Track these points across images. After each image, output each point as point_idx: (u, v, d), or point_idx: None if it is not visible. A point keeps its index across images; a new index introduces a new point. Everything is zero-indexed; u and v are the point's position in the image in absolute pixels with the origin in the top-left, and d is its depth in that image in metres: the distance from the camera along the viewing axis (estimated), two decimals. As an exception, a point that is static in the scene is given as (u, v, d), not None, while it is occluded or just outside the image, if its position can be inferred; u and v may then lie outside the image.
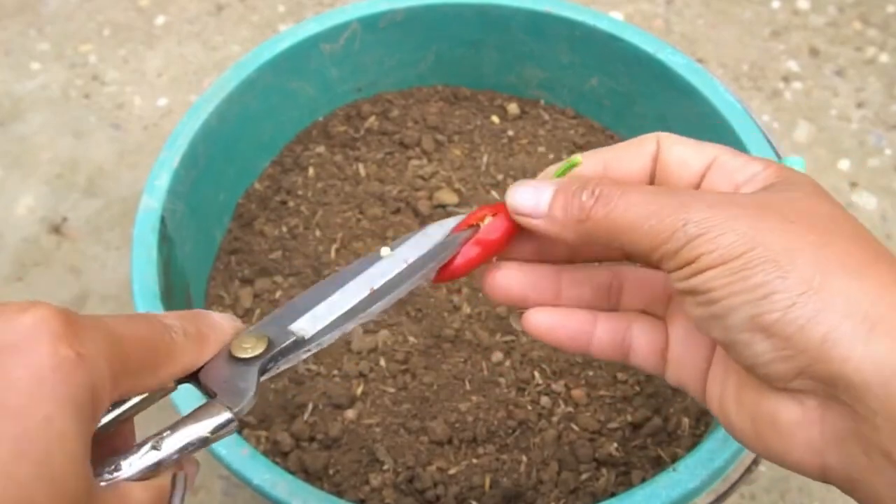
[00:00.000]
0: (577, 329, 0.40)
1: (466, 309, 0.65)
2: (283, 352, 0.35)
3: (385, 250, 0.39)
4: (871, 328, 0.30)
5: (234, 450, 0.50)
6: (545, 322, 0.40)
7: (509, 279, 0.40)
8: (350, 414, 0.61)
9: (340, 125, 0.77)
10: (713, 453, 0.49)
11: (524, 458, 0.59)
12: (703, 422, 0.61)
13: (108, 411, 0.32)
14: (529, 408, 0.61)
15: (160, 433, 0.31)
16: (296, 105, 0.75)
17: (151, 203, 0.61)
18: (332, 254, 0.69)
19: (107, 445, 0.33)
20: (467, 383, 0.62)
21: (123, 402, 0.33)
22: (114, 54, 1.02)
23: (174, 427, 0.32)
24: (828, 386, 0.31)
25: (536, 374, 0.63)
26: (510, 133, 0.77)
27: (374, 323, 0.65)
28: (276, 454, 0.59)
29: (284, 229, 0.71)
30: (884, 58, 0.99)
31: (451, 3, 0.73)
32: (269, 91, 0.71)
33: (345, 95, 0.78)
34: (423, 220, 0.70)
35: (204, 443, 0.32)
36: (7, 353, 0.26)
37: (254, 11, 1.06)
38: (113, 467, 0.30)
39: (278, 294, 0.67)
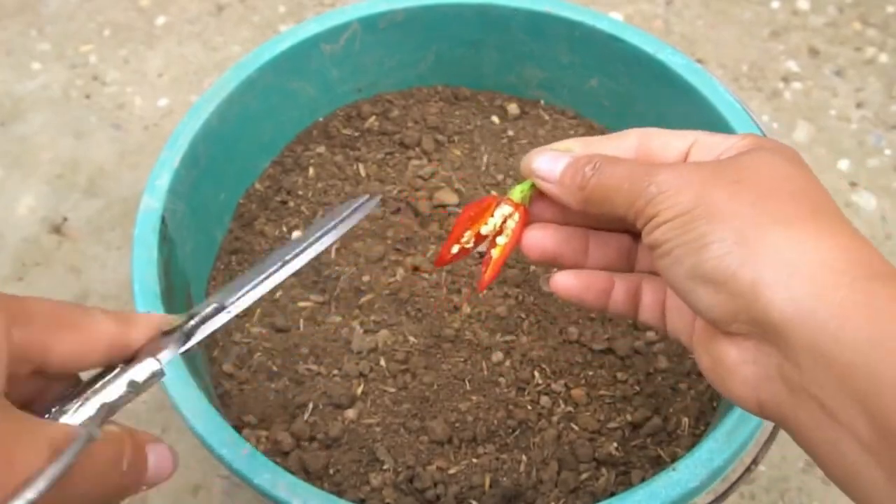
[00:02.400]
0: (598, 288, 0.45)
1: (466, 309, 0.65)
2: (204, 318, 0.39)
3: (296, 234, 0.45)
4: (792, 274, 0.33)
5: (234, 449, 0.50)
6: (570, 282, 0.45)
7: (545, 238, 0.45)
8: (350, 414, 0.61)
9: (341, 125, 0.77)
10: (713, 453, 0.50)
11: (524, 458, 0.59)
12: (703, 421, 0.61)
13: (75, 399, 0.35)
14: (529, 408, 0.61)
15: (91, 387, 0.35)
16: (296, 105, 0.75)
17: (152, 203, 0.61)
18: (332, 253, 0.69)
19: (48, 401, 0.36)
20: (467, 383, 0.62)
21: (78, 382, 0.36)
22: (114, 54, 1.02)
23: (105, 381, 0.35)
24: (757, 328, 0.35)
25: (536, 374, 0.63)
26: (510, 133, 0.77)
27: (374, 323, 0.65)
28: (277, 454, 0.60)
29: (285, 229, 0.71)
30: (883, 58, 0.99)
31: (451, 3, 0.73)
32: (270, 91, 0.71)
33: (345, 96, 0.78)
34: (423, 221, 0.70)
35: (133, 387, 0.35)
36: None
37: (254, 12, 1.06)
38: (54, 409, 0.34)
39: (278, 294, 0.67)
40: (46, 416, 0.34)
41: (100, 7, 1.07)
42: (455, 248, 0.47)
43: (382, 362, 0.63)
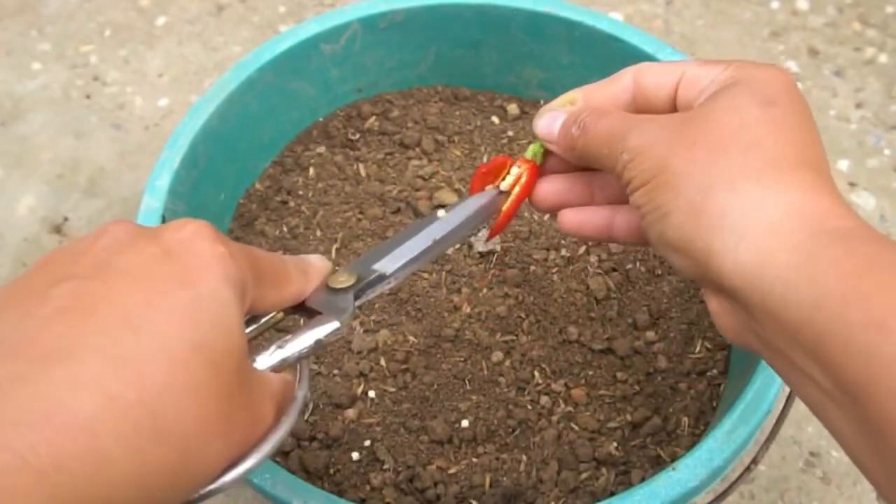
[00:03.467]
0: (600, 222, 0.47)
1: (466, 309, 0.65)
2: (370, 283, 0.43)
3: (441, 212, 0.48)
4: (739, 240, 0.35)
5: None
6: (575, 218, 0.48)
7: (549, 189, 0.49)
8: (350, 413, 0.61)
9: (341, 125, 0.78)
10: (712, 453, 0.50)
11: (524, 458, 0.59)
12: (703, 421, 0.61)
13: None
14: (529, 407, 0.61)
15: (283, 337, 0.38)
16: (296, 105, 0.75)
17: (152, 203, 0.61)
18: (333, 254, 0.69)
19: None
20: (467, 383, 0.62)
21: (248, 324, 0.40)
22: (115, 55, 1.02)
23: (295, 333, 0.38)
24: (720, 289, 0.37)
25: (536, 373, 0.63)
26: (510, 133, 0.77)
27: (374, 322, 0.65)
28: (277, 454, 0.60)
29: (285, 229, 0.71)
30: (883, 58, 0.99)
31: (452, 3, 0.73)
32: (270, 91, 0.71)
33: (345, 96, 0.78)
34: (424, 221, 0.70)
35: (318, 345, 0.39)
36: (179, 246, 0.32)
37: (254, 12, 1.06)
38: (250, 360, 0.36)
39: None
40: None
41: (100, 7, 1.07)
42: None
43: (382, 362, 0.63)
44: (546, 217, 0.70)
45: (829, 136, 0.93)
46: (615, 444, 0.60)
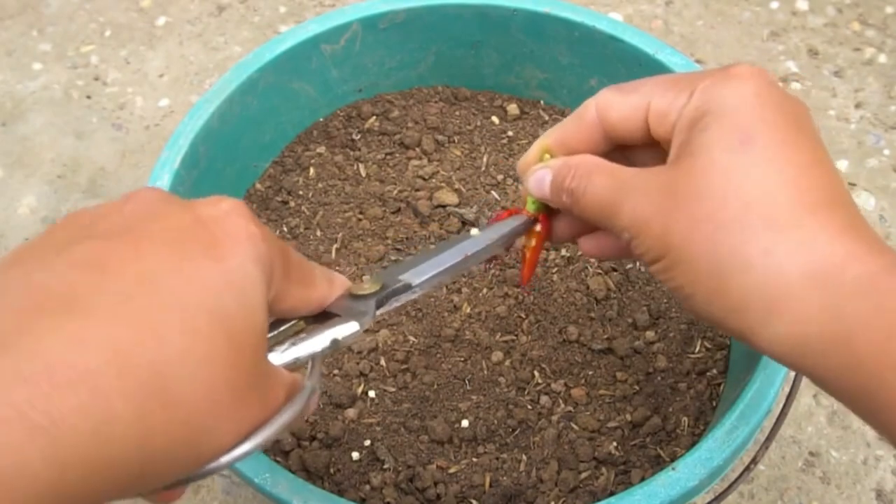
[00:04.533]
0: (617, 244, 0.46)
1: (466, 309, 0.65)
2: (395, 292, 0.43)
3: (475, 231, 0.48)
4: (767, 316, 0.34)
5: (235, 449, 0.50)
6: (594, 245, 0.47)
7: (565, 226, 0.49)
8: (350, 413, 0.61)
9: (341, 125, 0.78)
10: (712, 452, 0.50)
11: (524, 458, 0.59)
12: (703, 421, 0.61)
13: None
14: (529, 407, 0.61)
15: (297, 335, 0.38)
16: (296, 105, 0.75)
17: (153, 203, 0.61)
18: (333, 254, 0.69)
19: None
20: (467, 383, 0.62)
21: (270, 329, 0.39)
22: (115, 55, 1.02)
23: (311, 332, 0.38)
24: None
25: (536, 373, 0.63)
26: (510, 133, 0.77)
27: (374, 322, 0.65)
28: (277, 453, 0.60)
29: (285, 229, 0.71)
30: (882, 58, 0.99)
31: (452, 3, 0.73)
32: (270, 92, 0.71)
33: (345, 96, 0.78)
34: (423, 221, 0.70)
35: (334, 344, 0.38)
36: (212, 221, 0.32)
37: (255, 12, 1.06)
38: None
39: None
40: None
41: (101, 8, 1.07)
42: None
43: (382, 362, 0.63)
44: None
45: (828, 136, 0.93)
46: (615, 443, 0.60)
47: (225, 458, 0.31)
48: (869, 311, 0.32)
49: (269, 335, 0.38)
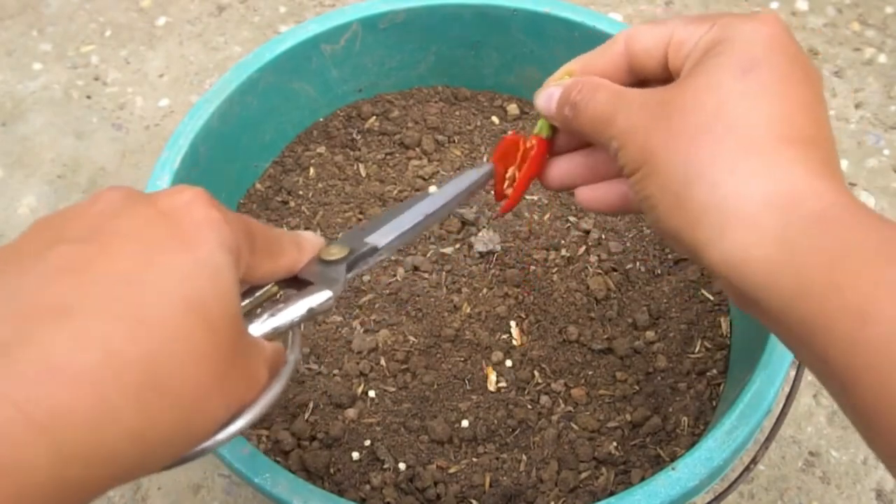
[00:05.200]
0: (615, 197, 0.46)
1: (466, 309, 0.65)
2: (363, 255, 0.43)
3: (433, 188, 0.47)
4: (721, 234, 0.35)
5: (234, 449, 0.50)
6: (591, 195, 0.47)
7: (561, 169, 0.49)
8: (350, 413, 0.61)
9: (341, 126, 0.78)
10: (712, 452, 0.50)
11: (524, 458, 0.59)
12: (703, 421, 0.61)
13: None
14: (529, 407, 0.61)
15: (275, 305, 0.38)
16: (297, 105, 0.75)
17: (153, 203, 0.61)
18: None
19: None
20: (467, 383, 0.62)
21: (243, 297, 0.40)
22: (115, 55, 1.02)
23: (287, 301, 0.39)
24: (709, 270, 0.37)
25: (536, 373, 0.63)
26: (510, 133, 0.77)
27: (374, 322, 0.65)
28: (278, 453, 0.60)
29: (285, 229, 0.71)
30: (882, 58, 0.99)
31: (451, 3, 0.73)
32: (270, 92, 0.71)
33: (345, 96, 0.78)
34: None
35: (310, 314, 0.39)
36: (175, 212, 0.32)
37: (255, 12, 1.06)
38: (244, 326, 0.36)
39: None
40: None
41: (101, 8, 1.07)
42: (508, 190, 0.51)
43: (383, 362, 0.63)
44: (546, 217, 0.70)
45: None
46: (615, 443, 0.60)
47: (220, 436, 0.33)
48: (816, 242, 0.33)
49: (245, 302, 0.40)
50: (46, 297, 0.28)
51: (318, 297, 0.39)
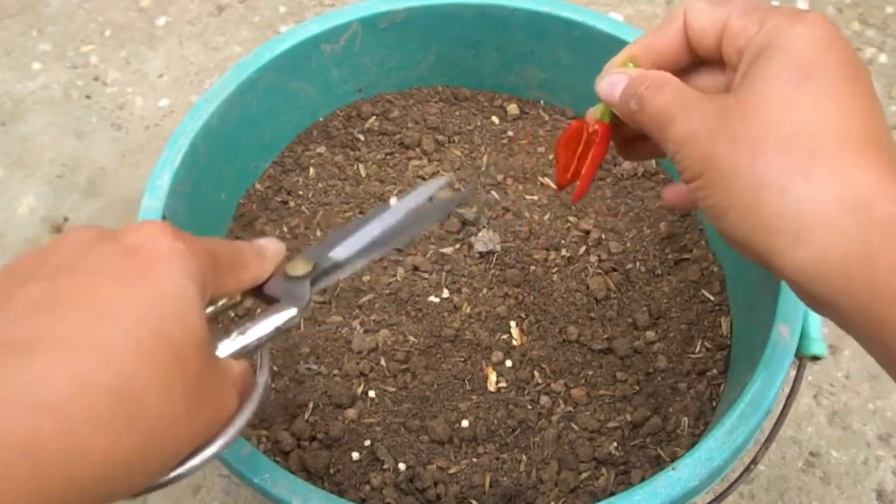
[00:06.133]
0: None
1: (466, 309, 0.65)
2: (326, 272, 0.44)
3: (393, 200, 0.48)
4: (796, 239, 0.35)
5: (234, 449, 0.50)
6: (674, 193, 0.49)
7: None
8: (350, 413, 0.61)
9: (341, 125, 0.78)
10: (712, 452, 0.50)
11: (524, 458, 0.59)
12: (703, 421, 0.61)
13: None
14: (529, 407, 0.61)
15: (243, 325, 0.39)
16: (296, 105, 0.75)
17: (153, 203, 0.61)
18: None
19: None
20: (467, 383, 0.62)
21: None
22: (115, 55, 1.02)
23: (254, 320, 0.40)
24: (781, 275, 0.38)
25: (536, 373, 0.63)
26: (510, 133, 0.77)
27: (374, 322, 0.65)
28: (277, 453, 0.60)
29: (285, 229, 0.71)
30: (882, 58, 0.99)
31: (451, 3, 0.73)
32: (270, 91, 0.71)
33: (345, 96, 0.78)
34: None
35: (277, 332, 0.40)
36: (139, 248, 0.34)
37: (255, 12, 1.06)
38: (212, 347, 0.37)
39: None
40: None
41: (100, 7, 1.07)
42: (569, 175, 0.51)
43: (383, 362, 0.63)
44: (546, 217, 0.70)
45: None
46: (615, 443, 0.60)
47: (194, 462, 0.34)
48: (893, 243, 0.33)
49: (209, 309, 0.41)
50: (16, 333, 0.29)
51: (284, 315, 0.41)
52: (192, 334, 0.32)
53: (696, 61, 0.46)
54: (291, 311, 0.41)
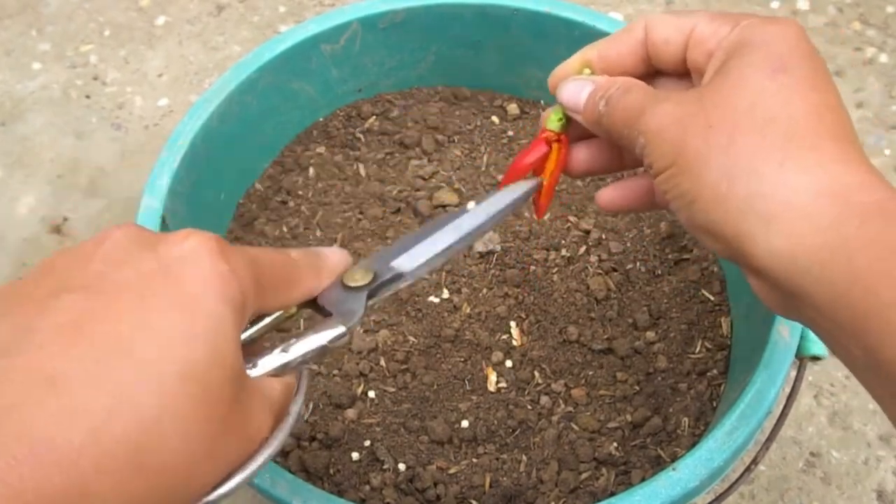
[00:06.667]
0: (638, 194, 0.47)
1: (466, 309, 0.65)
2: (386, 283, 0.42)
3: (471, 204, 0.46)
4: (769, 225, 0.35)
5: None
6: (613, 194, 0.48)
7: (582, 157, 0.48)
8: (350, 413, 0.61)
9: (341, 125, 0.77)
10: (713, 453, 0.50)
11: (524, 458, 0.59)
12: (703, 421, 0.61)
13: (246, 328, 0.38)
14: (529, 407, 0.61)
15: (288, 340, 0.37)
16: (296, 105, 0.75)
17: (152, 203, 0.61)
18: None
19: (245, 354, 0.39)
20: (467, 383, 0.62)
21: (256, 322, 0.39)
22: (114, 54, 1.02)
23: (299, 336, 0.37)
24: (754, 271, 0.37)
25: (536, 373, 0.63)
26: (510, 133, 0.77)
27: (373, 322, 0.65)
28: (277, 454, 0.60)
29: (285, 229, 0.71)
30: (883, 58, 0.99)
31: (451, 3, 0.73)
32: (270, 91, 0.71)
33: (345, 96, 0.78)
34: (423, 221, 0.70)
35: (323, 350, 0.38)
36: (179, 263, 0.32)
37: (254, 12, 1.06)
38: (251, 364, 0.36)
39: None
40: (248, 367, 0.36)
41: (100, 7, 1.07)
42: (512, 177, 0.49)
43: (382, 362, 0.63)
44: (547, 217, 0.70)
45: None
46: (615, 444, 0.60)
47: (210, 497, 0.32)
48: (873, 231, 0.33)
49: (254, 329, 0.39)
50: (39, 361, 0.28)
51: (330, 334, 0.38)
52: (224, 369, 0.31)
53: (650, 72, 0.45)
54: (339, 330, 0.38)
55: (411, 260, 0.43)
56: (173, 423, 0.29)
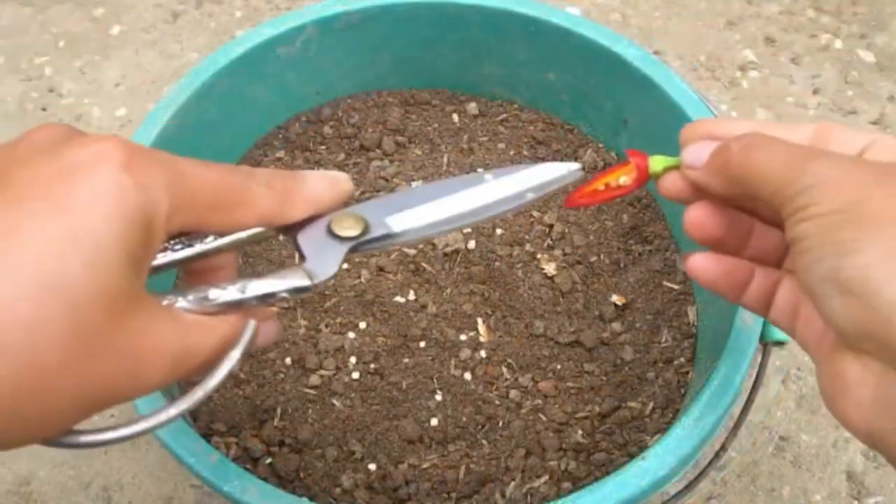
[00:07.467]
0: (736, 278, 0.42)
1: (432, 308, 0.65)
2: (374, 240, 0.39)
3: (488, 175, 0.42)
4: None
5: (202, 457, 0.50)
6: (709, 266, 0.42)
7: (708, 218, 0.41)
8: (319, 416, 0.60)
9: (300, 129, 0.77)
10: (681, 440, 0.50)
11: (493, 451, 0.59)
12: (671, 409, 0.61)
13: (190, 245, 0.36)
14: (498, 402, 0.61)
15: (246, 279, 0.35)
16: (255, 110, 0.75)
17: (111, 213, 0.60)
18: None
19: (194, 283, 0.37)
20: (435, 381, 0.62)
21: (205, 237, 0.36)
22: (70, 66, 1.01)
23: (259, 277, 0.35)
24: (889, 352, 0.31)
25: (504, 369, 0.63)
26: (469, 132, 0.77)
27: (340, 325, 0.65)
28: (247, 460, 0.59)
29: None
30: (837, 44, 1.00)
31: (408, 3, 0.73)
32: (227, 97, 0.71)
33: (303, 99, 0.77)
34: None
35: (279, 299, 0.36)
36: (72, 170, 0.30)
37: (210, 18, 1.05)
38: (179, 296, 0.34)
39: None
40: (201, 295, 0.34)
41: (53, 18, 1.06)
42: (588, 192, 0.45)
43: (350, 363, 0.63)
44: (510, 214, 0.70)
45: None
46: (584, 434, 0.60)
47: (110, 435, 0.31)
48: None
49: (222, 241, 0.36)
50: None
51: (292, 283, 0.36)
52: (100, 286, 0.29)
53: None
54: (303, 283, 0.36)
55: (409, 221, 0.40)
56: (28, 330, 0.27)
